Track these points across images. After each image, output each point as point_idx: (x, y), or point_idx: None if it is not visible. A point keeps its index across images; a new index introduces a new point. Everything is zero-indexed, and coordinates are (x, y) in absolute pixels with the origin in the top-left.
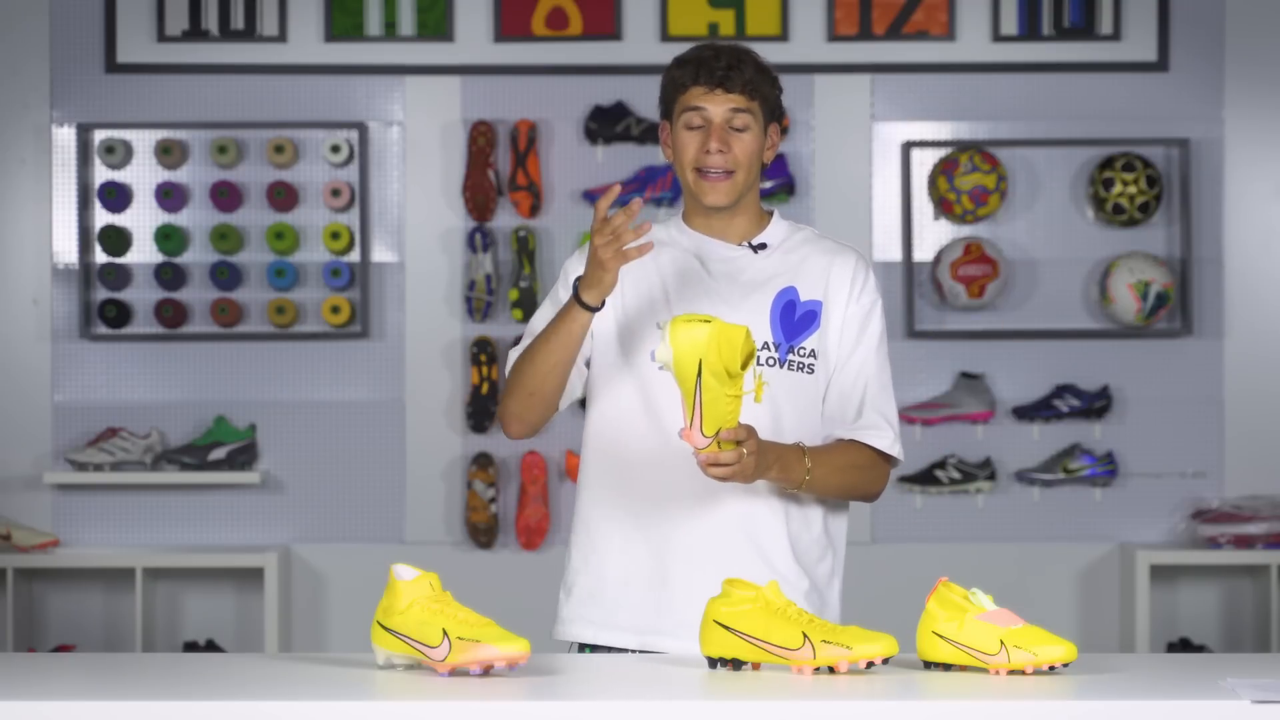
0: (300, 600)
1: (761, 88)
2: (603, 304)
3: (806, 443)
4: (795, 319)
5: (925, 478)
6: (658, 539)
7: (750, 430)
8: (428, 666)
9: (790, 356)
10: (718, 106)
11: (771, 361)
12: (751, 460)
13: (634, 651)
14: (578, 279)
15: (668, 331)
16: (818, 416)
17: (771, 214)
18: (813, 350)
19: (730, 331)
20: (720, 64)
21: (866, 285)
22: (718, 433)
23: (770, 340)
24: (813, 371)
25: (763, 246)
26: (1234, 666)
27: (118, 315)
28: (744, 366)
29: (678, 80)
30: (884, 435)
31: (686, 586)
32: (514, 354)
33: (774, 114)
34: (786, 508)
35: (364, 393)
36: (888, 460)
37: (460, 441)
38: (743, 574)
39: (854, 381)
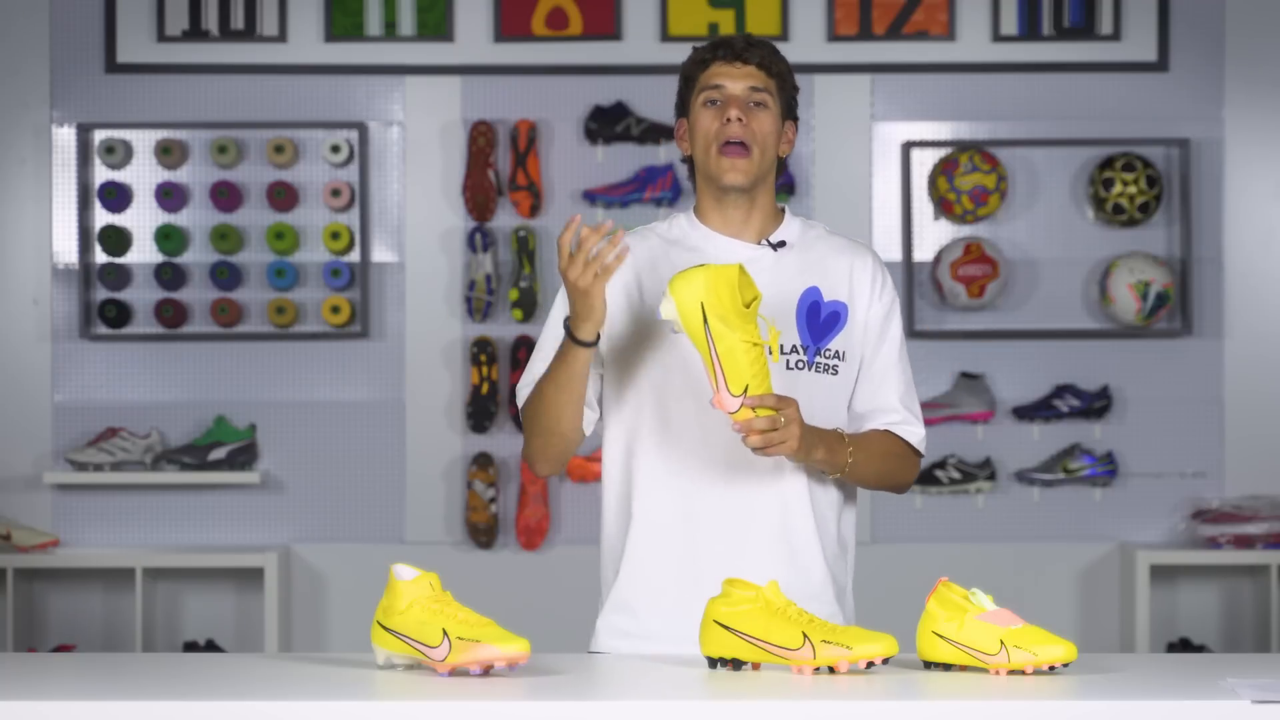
0: (300, 600)
1: (778, 66)
2: (598, 337)
3: None
4: (820, 320)
5: (925, 478)
6: (691, 550)
7: (790, 401)
8: (428, 666)
9: (818, 359)
10: (737, 82)
11: (800, 364)
12: (795, 429)
13: None
14: (567, 318)
15: (667, 289)
16: (844, 418)
17: (784, 210)
18: (838, 352)
19: (725, 270)
20: (738, 41)
21: (886, 284)
22: (745, 391)
23: (798, 342)
24: (838, 373)
25: (782, 244)
26: (1234, 666)
27: (118, 315)
28: (748, 305)
29: (697, 60)
30: (915, 430)
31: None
32: (522, 390)
33: (790, 108)
34: (817, 515)
35: (364, 393)
36: (917, 454)
37: (460, 441)
38: (782, 582)
39: (881, 379)
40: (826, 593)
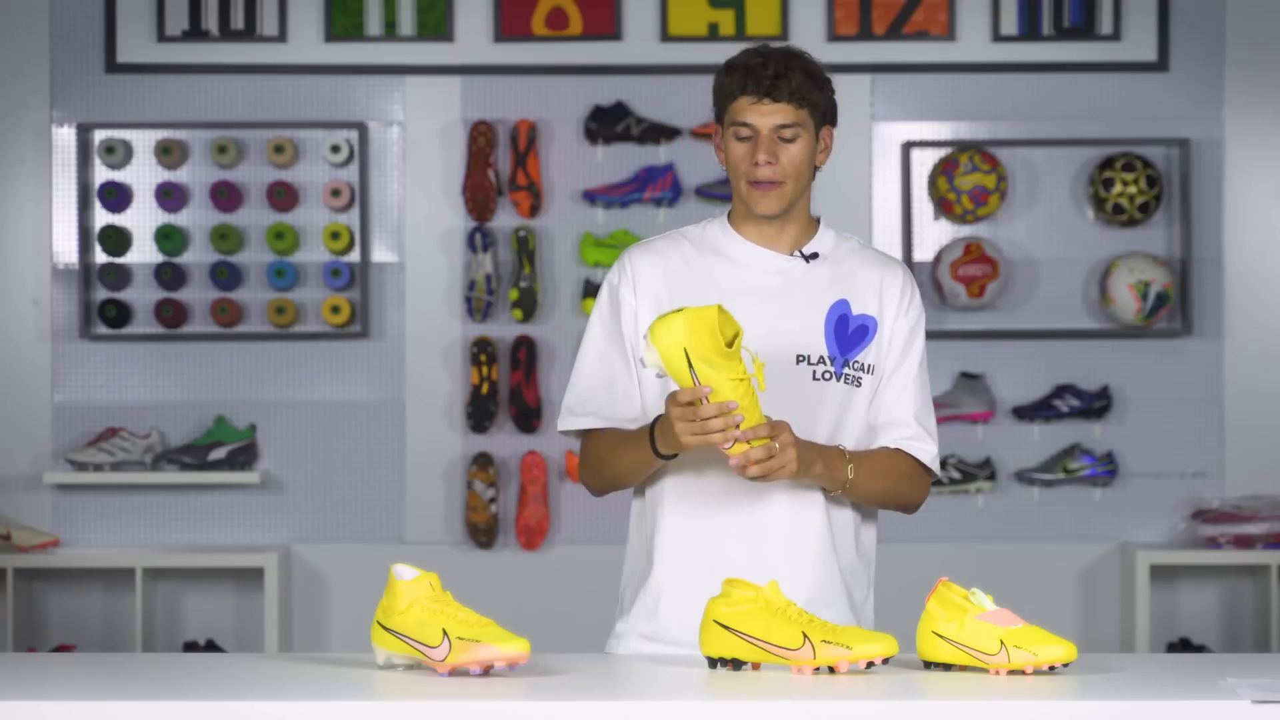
0: (300, 600)
1: (810, 95)
2: (676, 454)
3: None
4: (849, 332)
5: None
6: (710, 559)
7: (783, 425)
8: (428, 666)
9: (845, 370)
10: (765, 119)
11: (826, 375)
12: (791, 452)
13: None
14: (655, 425)
15: (648, 335)
16: (864, 429)
17: (819, 221)
18: (868, 365)
19: (704, 313)
20: (768, 73)
21: (914, 300)
22: (737, 427)
23: (825, 354)
24: (860, 384)
25: (814, 256)
26: (1234, 666)
27: (118, 315)
28: (731, 345)
29: (726, 88)
30: (927, 448)
31: None
32: (572, 418)
33: (826, 117)
34: (834, 527)
35: (364, 393)
36: (928, 473)
37: (460, 441)
38: (798, 591)
39: (900, 393)
40: (841, 603)
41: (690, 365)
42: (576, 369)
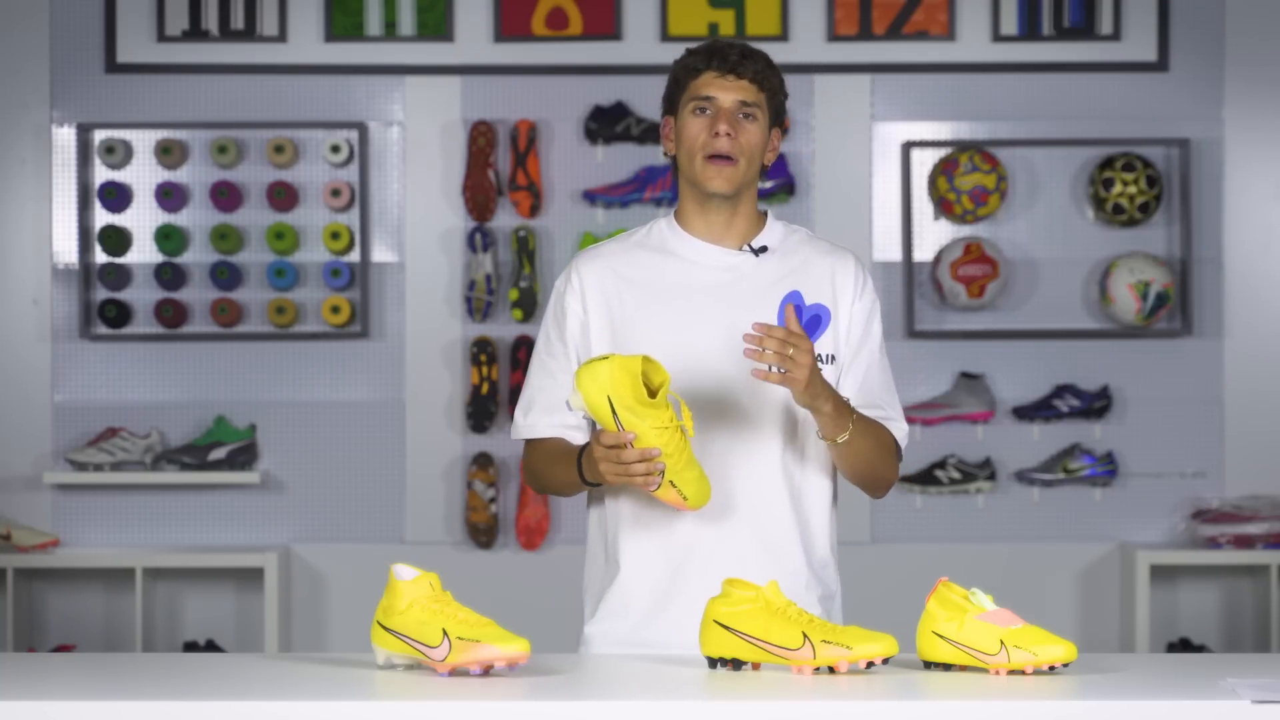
0: (300, 600)
1: (770, 80)
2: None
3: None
4: (803, 323)
5: (925, 478)
6: (676, 558)
7: (804, 338)
8: (428, 666)
9: None
10: (728, 94)
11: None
12: (807, 360)
13: None
14: (584, 451)
15: (574, 379)
16: None
17: (766, 215)
18: (822, 355)
19: (628, 362)
20: (733, 53)
21: (867, 286)
22: (663, 473)
23: None
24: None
25: (764, 249)
26: (1234, 666)
27: (118, 315)
28: (655, 395)
29: (690, 66)
30: (899, 426)
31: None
32: (522, 427)
33: (778, 116)
34: (800, 522)
35: (364, 393)
36: (898, 455)
37: (460, 441)
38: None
39: (864, 377)
40: (811, 595)
41: (614, 412)
42: (525, 378)
